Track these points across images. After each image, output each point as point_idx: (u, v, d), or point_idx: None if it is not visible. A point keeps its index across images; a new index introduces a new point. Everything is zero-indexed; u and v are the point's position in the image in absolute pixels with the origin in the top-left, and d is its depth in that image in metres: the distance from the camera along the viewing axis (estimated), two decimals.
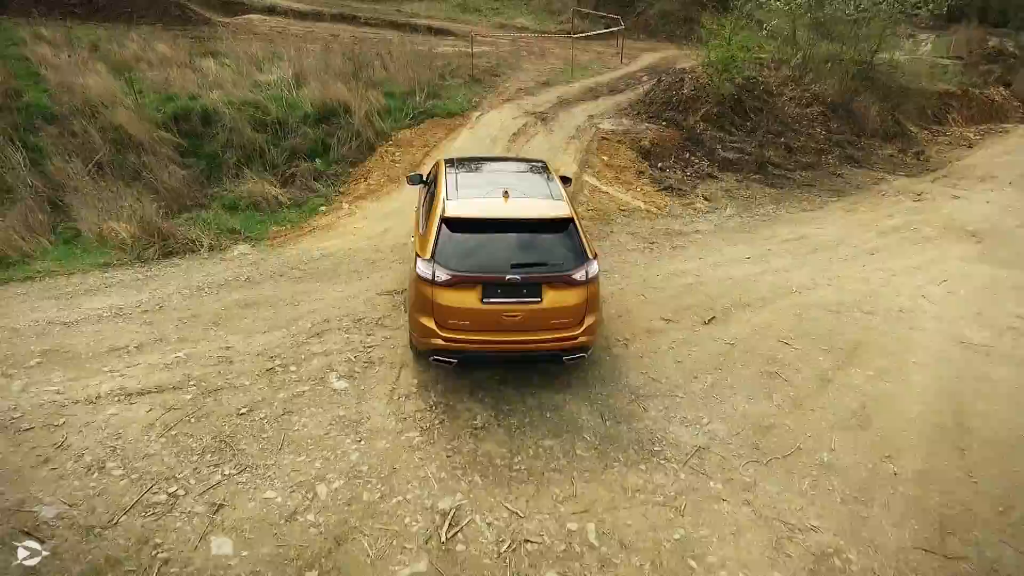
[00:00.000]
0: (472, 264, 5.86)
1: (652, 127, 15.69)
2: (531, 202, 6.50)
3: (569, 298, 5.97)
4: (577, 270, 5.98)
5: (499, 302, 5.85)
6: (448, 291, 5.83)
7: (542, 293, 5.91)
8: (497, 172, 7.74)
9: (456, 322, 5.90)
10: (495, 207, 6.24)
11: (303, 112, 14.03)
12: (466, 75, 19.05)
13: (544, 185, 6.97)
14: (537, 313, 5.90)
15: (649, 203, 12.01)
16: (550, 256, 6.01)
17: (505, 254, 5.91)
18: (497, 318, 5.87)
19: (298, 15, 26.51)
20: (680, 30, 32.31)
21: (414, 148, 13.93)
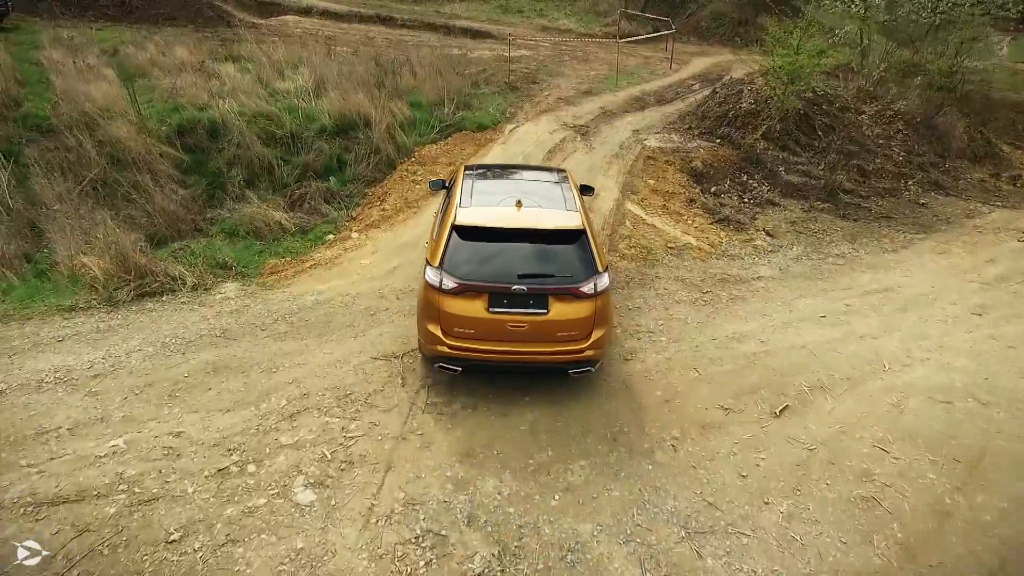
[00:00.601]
0: (479, 273, 5.77)
1: (705, 145, 13.80)
2: (544, 212, 6.32)
3: (576, 311, 5.81)
4: (585, 283, 5.82)
5: (505, 312, 5.75)
6: (455, 299, 5.76)
7: (549, 305, 5.79)
8: (515, 181, 7.58)
9: (462, 330, 5.80)
10: (506, 216, 6.10)
11: (319, 125, 12.62)
12: (502, 82, 17.42)
13: (560, 195, 6.75)
14: (543, 325, 5.77)
15: (702, 239, 10.19)
16: (559, 268, 5.87)
17: (513, 264, 5.81)
18: (503, 328, 5.75)
19: (334, 16, 25.27)
20: (734, 33, 30.06)
21: (438, 166, 12.38)
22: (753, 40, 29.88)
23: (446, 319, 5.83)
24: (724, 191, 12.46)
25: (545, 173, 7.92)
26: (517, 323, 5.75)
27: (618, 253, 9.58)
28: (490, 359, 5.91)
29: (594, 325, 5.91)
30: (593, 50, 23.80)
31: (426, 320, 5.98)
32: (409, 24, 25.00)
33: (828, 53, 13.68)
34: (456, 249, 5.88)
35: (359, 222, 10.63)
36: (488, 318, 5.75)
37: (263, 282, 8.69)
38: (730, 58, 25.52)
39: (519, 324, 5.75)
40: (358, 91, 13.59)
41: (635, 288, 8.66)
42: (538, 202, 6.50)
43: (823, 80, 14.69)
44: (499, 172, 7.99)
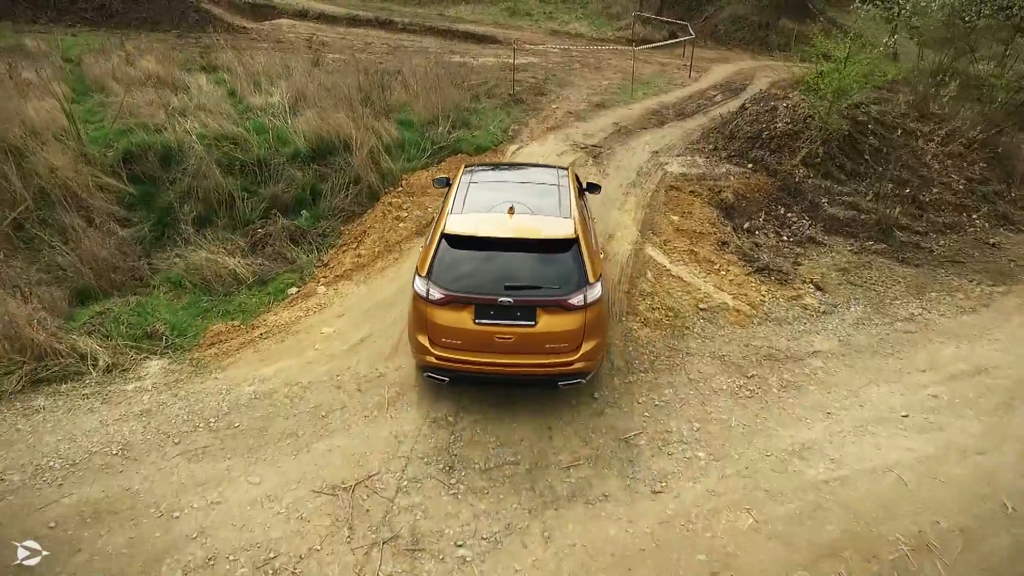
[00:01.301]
0: (466, 284, 5.57)
1: (735, 171, 11.82)
2: (537, 220, 6.01)
3: (565, 323, 5.56)
4: (575, 295, 5.58)
5: (492, 324, 5.54)
6: (442, 310, 5.58)
7: (537, 317, 5.56)
8: (513, 184, 7.10)
9: (449, 341, 5.62)
10: (497, 224, 5.83)
11: (293, 149, 10.75)
12: (505, 95, 15.48)
13: (556, 199, 6.45)
14: (531, 337, 5.55)
15: (739, 297, 8.25)
16: (548, 279, 5.63)
17: (501, 274, 5.56)
18: (490, 339, 5.55)
19: (331, 20, 23.41)
20: (753, 37, 27.97)
21: (427, 197, 10.49)
22: (775, 45, 27.85)
23: (433, 329, 5.63)
24: (759, 227, 10.49)
25: (545, 173, 7.45)
26: (504, 335, 5.52)
27: (639, 317, 7.65)
28: (477, 371, 5.67)
29: (584, 337, 5.62)
30: (606, 57, 21.80)
31: (415, 330, 5.80)
32: (410, 28, 23.09)
33: (881, 66, 11.57)
34: (444, 258, 5.67)
35: (329, 270, 8.75)
36: (475, 329, 5.53)
37: (198, 359, 6.83)
38: (752, 64, 23.46)
39: (506, 336, 5.52)
40: (340, 108, 11.71)
41: (662, 372, 6.73)
42: (532, 207, 6.16)
43: (869, 96, 12.66)
44: (497, 172, 7.63)
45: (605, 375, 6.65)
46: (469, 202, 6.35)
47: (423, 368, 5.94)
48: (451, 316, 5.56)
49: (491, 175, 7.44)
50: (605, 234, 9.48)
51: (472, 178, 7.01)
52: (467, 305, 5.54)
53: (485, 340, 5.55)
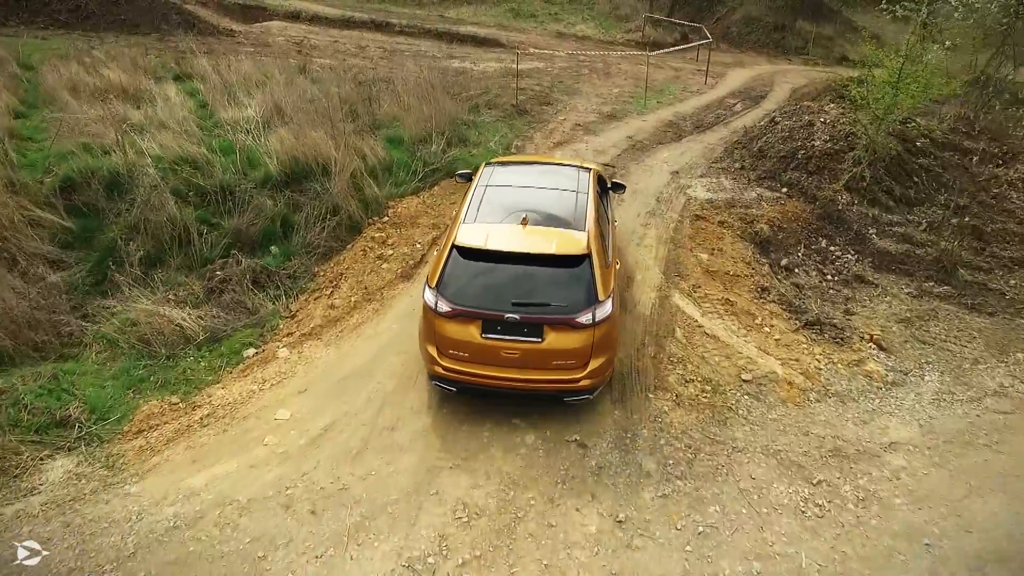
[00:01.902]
0: (473, 298, 5.38)
1: (767, 195, 10.25)
2: (550, 232, 5.71)
3: (572, 341, 5.32)
4: (583, 313, 5.30)
5: (499, 339, 5.33)
6: (449, 322, 5.40)
7: (544, 333, 5.33)
8: (532, 188, 6.68)
9: (456, 353, 5.44)
10: (508, 237, 5.59)
11: (263, 172, 9.24)
12: (508, 105, 13.92)
13: (573, 208, 6.11)
14: (537, 353, 5.34)
15: (789, 362, 6.69)
16: (556, 296, 5.37)
17: (509, 289, 5.35)
18: (496, 354, 5.35)
19: (324, 22, 21.86)
20: (768, 39, 26.31)
21: (417, 229, 8.97)
22: (792, 48, 26.18)
23: (441, 341, 5.51)
24: (798, 263, 8.93)
25: (566, 175, 6.96)
26: (511, 350, 5.36)
27: (670, 393, 6.11)
28: (483, 383, 5.51)
29: (592, 354, 5.42)
30: (615, 61, 20.20)
31: (424, 339, 5.70)
32: (408, 31, 21.52)
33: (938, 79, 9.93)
34: (454, 269, 5.53)
35: (296, 325, 7.22)
36: (481, 343, 5.38)
37: (116, 457, 5.31)
38: (769, 69, 21.84)
39: (512, 351, 5.36)
40: (320, 124, 10.16)
41: (705, 479, 5.18)
42: (548, 217, 5.94)
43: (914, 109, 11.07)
44: (518, 172, 7.24)
45: (634, 483, 5.12)
46: (483, 209, 6.08)
47: (431, 377, 5.80)
48: (458, 329, 5.41)
49: (511, 175, 6.98)
50: (624, 276, 7.96)
51: (491, 178, 6.71)
52: (474, 319, 5.37)
53: (491, 354, 5.38)
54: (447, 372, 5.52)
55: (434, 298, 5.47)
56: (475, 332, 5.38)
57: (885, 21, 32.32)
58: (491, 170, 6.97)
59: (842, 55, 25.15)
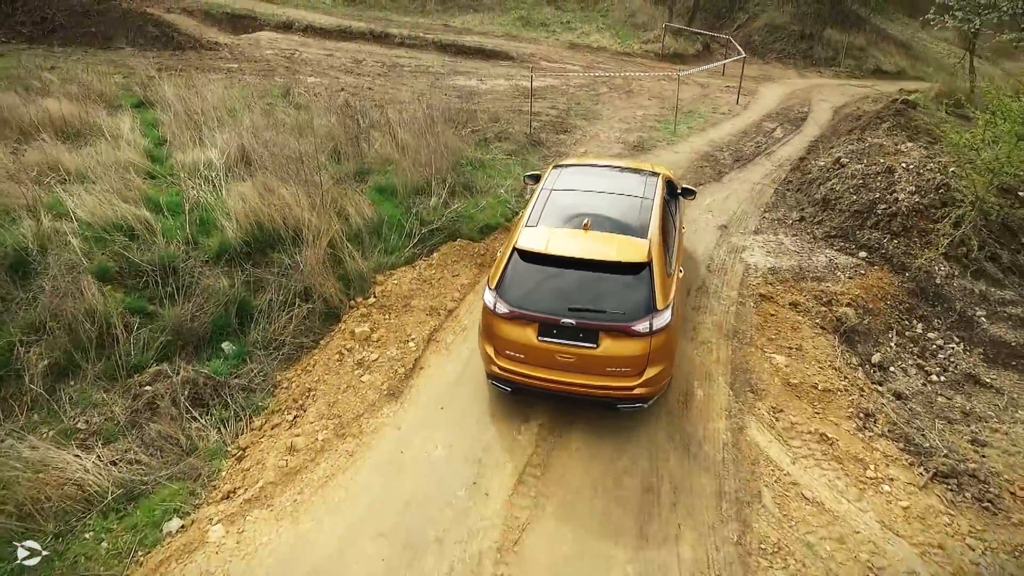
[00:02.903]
0: (531, 301, 5.23)
1: (841, 261, 8.18)
2: (610, 239, 5.51)
3: (628, 348, 5.08)
4: (639, 322, 5.06)
5: (555, 342, 5.17)
6: (507, 324, 5.28)
7: (599, 340, 5.11)
8: (597, 192, 6.30)
9: (512, 354, 5.31)
10: (569, 242, 5.43)
11: (218, 241, 7.24)
12: (521, 135, 11.87)
13: (637, 212, 5.87)
14: (592, 359, 5.13)
15: (929, 548, 4.64)
16: (614, 303, 5.14)
17: (567, 294, 5.19)
18: (551, 357, 5.20)
19: (319, 32, 19.81)
20: (795, 49, 24.13)
21: (410, 316, 6.94)
22: (822, 59, 23.98)
23: (498, 341, 5.35)
24: (892, 359, 6.88)
25: (634, 179, 6.60)
26: (566, 354, 5.15)
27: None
28: (538, 385, 5.29)
29: (648, 364, 5.12)
30: (635, 76, 18.10)
31: (483, 339, 5.57)
32: (409, 42, 19.44)
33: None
34: (514, 272, 5.38)
35: (242, 475, 5.21)
36: (537, 346, 5.19)
37: None
38: (801, 84, 19.73)
39: (568, 355, 5.15)
40: (296, 173, 8.15)
41: None
42: (610, 224, 5.70)
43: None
44: (585, 174, 6.78)
45: None
46: (547, 212, 5.94)
47: (489, 375, 5.65)
48: (516, 331, 5.28)
49: (578, 177, 6.68)
50: (675, 389, 5.95)
51: (557, 181, 6.51)
52: (531, 322, 5.22)
53: (547, 357, 5.23)
54: (503, 372, 5.39)
55: (493, 299, 5.37)
56: (532, 335, 5.24)
57: (914, 28, 30.22)
58: (558, 172, 6.74)
59: (876, 66, 22.99)
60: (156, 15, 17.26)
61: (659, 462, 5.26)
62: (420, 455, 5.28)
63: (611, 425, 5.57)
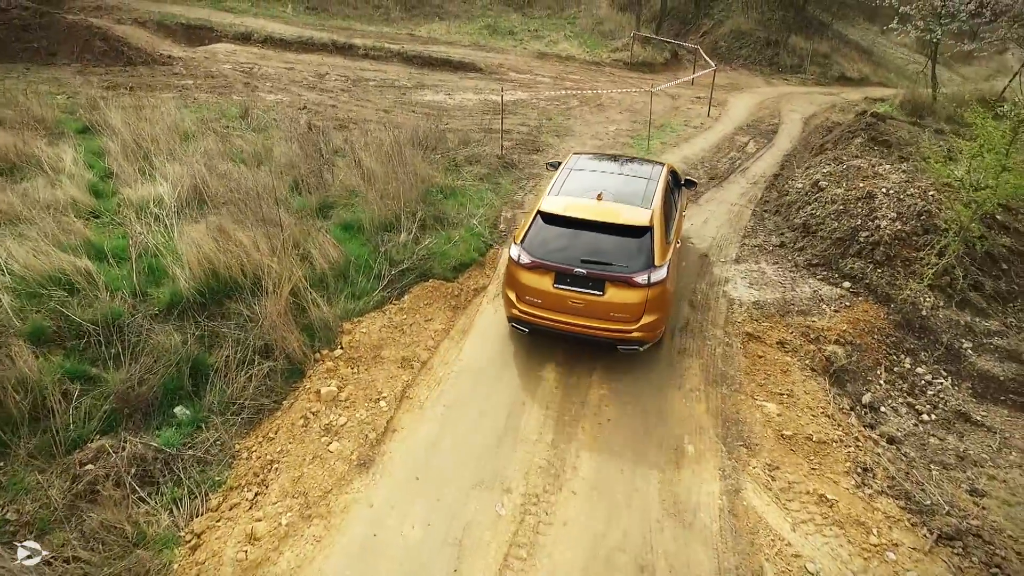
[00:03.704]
0: (550, 253, 6.08)
1: (826, 292, 7.91)
2: (619, 207, 6.39)
3: (628, 296, 5.94)
4: (639, 274, 5.94)
5: (567, 289, 6.02)
6: (528, 272, 6.13)
7: (605, 288, 5.97)
8: (609, 174, 7.23)
9: (531, 299, 6.15)
10: (584, 207, 6.34)
11: (169, 293, 6.63)
12: (492, 156, 11.41)
13: (643, 190, 6.75)
14: (598, 304, 5.98)
15: None
16: (618, 257, 6.02)
17: (580, 249, 6.06)
18: (564, 302, 6.03)
19: (279, 44, 19.02)
20: (760, 56, 24.11)
21: (381, 370, 6.42)
22: (787, 66, 24.00)
23: (520, 288, 6.18)
24: (881, 397, 6.64)
25: (642, 166, 7.62)
26: (576, 300, 5.99)
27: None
28: (551, 326, 6.13)
29: (645, 311, 5.96)
30: (605, 87, 17.78)
31: (507, 287, 6.37)
32: (373, 54, 18.79)
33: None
34: (537, 231, 6.24)
35: (196, 569, 4.67)
36: (553, 292, 6.03)
37: None
38: (770, 92, 19.64)
39: (578, 301, 5.99)
40: (254, 212, 7.56)
41: None
42: (619, 196, 6.55)
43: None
44: (599, 161, 7.75)
45: None
46: (567, 186, 6.81)
47: (509, 319, 6.43)
48: (535, 279, 6.10)
49: (594, 162, 7.64)
50: (665, 446, 5.57)
51: (576, 164, 7.42)
52: (549, 271, 6.05)
53: (560, 302, 6.03)
54: (522, 314, 6.19)
55: (518, 252, 6.19)
56: (548, 282, 6.05)
57: (875, 34, 30.56)
58: (577, 158, 7.71)
59: (840, 73, 23.08)
60: (104, 28, 16.29)
61: (653, 535, 4.86)
62: (395, 537, 4.79)
63: (604, 489, 5.16)
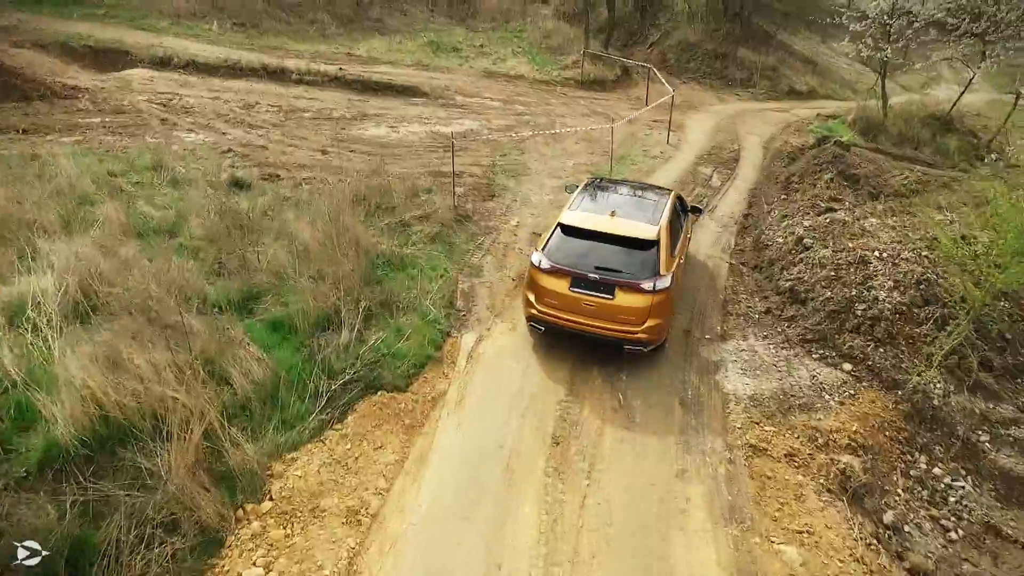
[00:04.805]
0: (567, 260, 6.69)
1: (824, 374, 6.98)
2: (630, 222, 6.93)
3: (635, 301, 6.46)
4: (646, 281, 6.47)
5: (581, 292, 6.59)
6: (547, 276, 6.73)
7: (615, 292, 6.51)
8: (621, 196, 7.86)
9: (549, 300, 6.72)
10: (599, 221, 6.93)
11: (43, 444, 5.14)
12: (444, 209, 10.12)
13: (652, 210, 7.29)
14: (608, 307, 6.53)
15: None
16: (628, 266, 6.59)
17: (594, 257, 6.66)
18: (578, 304, 6.60)
19: (202, 69, 17.16)
20: (711, 69, 23.51)
21: (321, 531, 5.10)
22: (738, 80, 23.44)
23: (539, 291, 6.77)
24: (903, 515, 5.78)
25: (650, 191, 8.18)
26: (589, 302, 6.56)
27: None
28: (566, 326, 6.71)
29: (649, 315, 6.48)
30: (560, 112, 16.69)
31: (527, 289, 6.94)
32: (309, 79, 17.13)
33: None
34: (557, 240, 6.88)
35: None
36: (568, 295, 6.62)
37: None
38: (724, 111, 18.99)
39: (590, 303, 6.56)
40: (157, 319, 6.09)
41: None
42: (630, 214, 7.13)
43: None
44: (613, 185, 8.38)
45: None
46: (584, 204, 7.43)
47: (528, 318, 7.04)
48: (553, 282, 6.68)
49: (609, 185, 8.29)
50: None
51: (592, 187, 8.03)
52: (566, 275, 6.63)
53: (575, 304, 6.61)
54: (540, 314, 6.78)
55: (539, 258, 6.81)
56: (565, 286, 6.64)
57: (816, 43, 30.51)
58: (594, 182, 8.30)
59: (789, 87, 22.71)
60: None
61: None
62: None
63: None
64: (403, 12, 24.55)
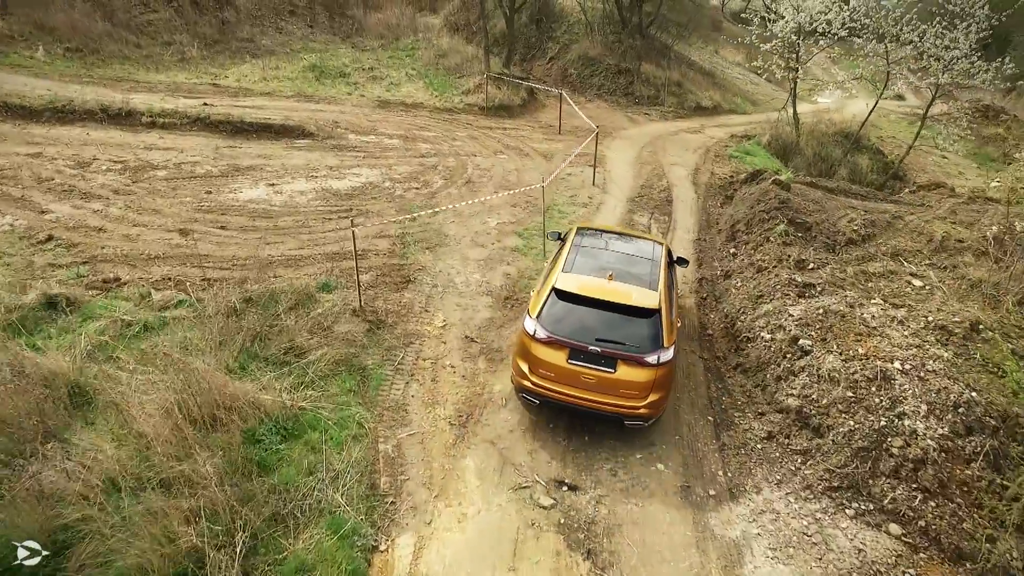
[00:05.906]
0: (565, 330, 6.08)
1: (871, 546, 5.33)
2: (629, 288, 6.39)
3: (638, 375, 5.97)
4: (649, 354, 5.98)
5: (581, 365, 6.02)
6: (543, 347, 6.09)
7: (617, 366, 6.00)
8: (614, 252, 7.22)
9: (544, 372, 6.11)
10: (597, 287, 6.33)
11: None
12: (347, 313, 7.64)
13: (649, 272, 6.79)
14: (610, 381, 6.00)
15: None
16: (630, 337, 6.06)
17: (594, 328, 6.08)
18: (577, 377, 6.04)
19: (22, 113, 13.35)
20: (615, 86, 22.02)
21: None
22: (644, 97, 22.15)
23: (533, 361, 6.14)
24: None
25: (643, 245, 7.56)
26: (589, 376, 6.00)
27: None
28: (563, 400, 6.12)
29: (652, 389, 6.00)
30: (469, 149, 14.43)
31: (519, 358, 6.30)
32: (164, 121, 13.72)
33: None
34: (552, 307, 6.24)
35: None
36: (566, 367, 6.03)
37: None
38: (639, 135, 17.45)
39: (590, 377, 6.00)
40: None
41: None
42: (627, 277, 6.55)
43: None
44: (604, 239, 7.65)
45: None
46: (578, 263, 6.77)
47: (519, 390, 6.39)
48: (550, 353, 6.06)
49: (597, 239, 7.54)
50: None
51: (583, 240, 7.34)
52: (564, 347, 6.03)
53: (573, 377, 6.03)
54: (535, 387, 6.14)
55: (534, 326, 6.15)
56: (563, 358, 6.03)
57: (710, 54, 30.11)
58: (582, 234, 7.53)
59: (696, 103, 21.69)
60: None
61: None
62: None
63: None
64: (278, 29, 21.20)
